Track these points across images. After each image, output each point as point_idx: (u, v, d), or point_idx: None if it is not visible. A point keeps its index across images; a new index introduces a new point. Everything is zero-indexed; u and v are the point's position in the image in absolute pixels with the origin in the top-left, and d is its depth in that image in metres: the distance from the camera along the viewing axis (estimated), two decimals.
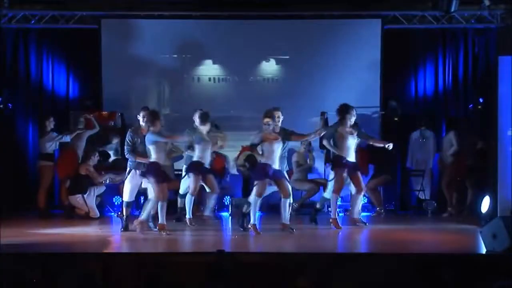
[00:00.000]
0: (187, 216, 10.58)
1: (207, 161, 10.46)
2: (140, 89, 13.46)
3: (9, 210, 11.94)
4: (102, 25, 13.20)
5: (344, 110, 10.45)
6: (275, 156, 9.86)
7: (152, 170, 9.67)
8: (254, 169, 10.30)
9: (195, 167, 10.42)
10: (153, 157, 9.68)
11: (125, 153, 10.09)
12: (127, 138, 10.06)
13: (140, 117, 10.13)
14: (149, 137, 9.65)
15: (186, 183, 10.72)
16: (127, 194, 10.11)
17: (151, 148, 9.69)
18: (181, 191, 10.94)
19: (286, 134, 10.10)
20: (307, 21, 13.30)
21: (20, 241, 9.27)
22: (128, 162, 10.10)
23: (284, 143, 10.08)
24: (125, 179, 10.13)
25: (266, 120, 9.86)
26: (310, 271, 7.71)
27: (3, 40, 13.10)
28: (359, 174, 10.53)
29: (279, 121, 10.12)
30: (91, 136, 12.39)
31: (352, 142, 10.45)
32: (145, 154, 9.86)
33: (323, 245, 9.42)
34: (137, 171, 9.97)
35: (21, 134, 13.19)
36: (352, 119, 10.43)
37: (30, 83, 13.32)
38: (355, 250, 9.11)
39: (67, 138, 12.13)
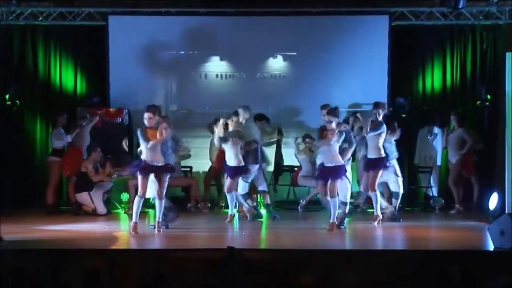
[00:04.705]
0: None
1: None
2: (147, 85, 13.44)
3: (17, 206, 12.00)
4: (110, 21, 13.19)
5: None
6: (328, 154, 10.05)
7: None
8: None
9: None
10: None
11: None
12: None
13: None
14: None
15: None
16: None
17: None
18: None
19: None
20: (314, 17, 13.26)
21: (27, 237, 9.31)
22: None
23: None
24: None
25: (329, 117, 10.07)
26: (316, 268, 7.71)
27: (11, 36, 13.13)
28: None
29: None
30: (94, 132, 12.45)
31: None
32: None
33: (330, 242, 9.41)
34: None
35: (29, 131, 13.20)
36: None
37: (37, 80, 13.32)
38: (362, 247, 9.09)
39: (68, 139, 12.17)
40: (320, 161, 10.13)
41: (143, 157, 9.68)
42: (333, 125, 9.90)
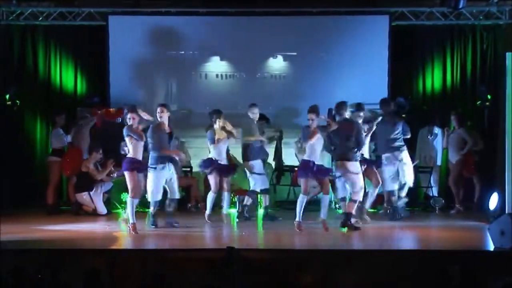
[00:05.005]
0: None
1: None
2: (147, 85, 13.46)
3: (17, 206, 12.00)
4: (110, 21, 13.20)
5: None
6: (318, 152, 9.96)
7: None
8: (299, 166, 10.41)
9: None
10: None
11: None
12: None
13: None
14: None
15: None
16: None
17: None
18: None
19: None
20: (314, 17, 13.27)
21: (27, 237, 9.31)
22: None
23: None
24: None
25: (310, 116, 9.92)
26: (316, 268, 7.70)
27: (11, 36, 13.13)
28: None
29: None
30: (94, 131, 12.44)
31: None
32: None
33: (330, 242, 9.40)
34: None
35: (29, 131, 13.20)
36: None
37: (37, 80, 13.32)
38: (362, 247, 9.09)
39: (67, 139, 12.20)
40: (308, 158, 10.02)
41: (130, 155, 9.81)
42: (314, 124, 9.91)
